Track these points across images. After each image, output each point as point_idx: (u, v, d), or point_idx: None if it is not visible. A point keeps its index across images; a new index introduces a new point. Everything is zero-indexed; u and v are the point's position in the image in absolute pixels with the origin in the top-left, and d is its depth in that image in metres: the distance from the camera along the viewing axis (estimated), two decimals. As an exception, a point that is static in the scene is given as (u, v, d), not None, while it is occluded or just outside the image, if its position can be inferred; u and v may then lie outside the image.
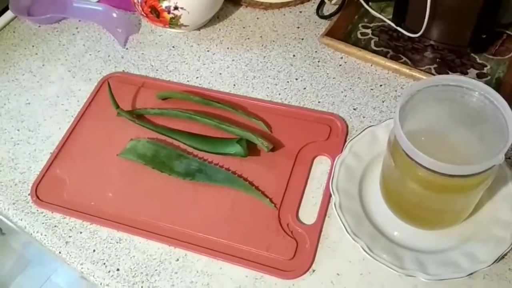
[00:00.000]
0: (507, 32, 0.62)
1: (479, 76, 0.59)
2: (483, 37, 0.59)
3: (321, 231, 0.49)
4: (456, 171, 0.38)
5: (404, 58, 0.61)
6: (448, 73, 0.59)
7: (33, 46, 0.70)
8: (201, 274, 0.48)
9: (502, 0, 0.57)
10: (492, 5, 0.55)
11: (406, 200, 0.46)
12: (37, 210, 0.54)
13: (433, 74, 0.59)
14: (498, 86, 0.57)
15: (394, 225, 0.48)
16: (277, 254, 0.48)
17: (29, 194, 0.55)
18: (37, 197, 0.54)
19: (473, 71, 0.59)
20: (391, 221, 0.48)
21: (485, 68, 0.59)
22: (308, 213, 0.50)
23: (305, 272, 0.47)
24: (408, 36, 0.61)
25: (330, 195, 0.50)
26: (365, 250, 0.46)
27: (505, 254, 0.45)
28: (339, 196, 0.49)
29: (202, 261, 0.49)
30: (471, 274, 0.44)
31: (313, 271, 0.47)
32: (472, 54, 0.60)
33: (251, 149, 0.54)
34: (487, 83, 0.58)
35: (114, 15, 0.69)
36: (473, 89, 0.41)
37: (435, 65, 0.60)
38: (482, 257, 0.44)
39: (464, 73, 0.59)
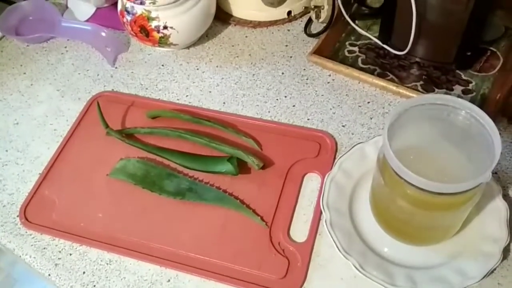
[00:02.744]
0: (491, 48, 0.63)
1: (465, 93, 0.60)
2: (468, 54, 0.60)
3: (312, 249, 0.49)
4: (444, 189, 0.38)
5: (391, 75, 0.62)
6: (434, 90, 0.60)
7: (21, 65, 0.70)
8: (193, 294, 0.48)
9: (486, 18, 0.58)
10: (477, 23, 0.57)
11: (396, 217, 0.46)
12: (26, 232, 0.53)
13: (420, 91, 0.60)
14: (483, 102, 0.58)
15: (384, 241, 0.48)
16: (269, 273, 0.47)
17: (17, 216, 0.54)
18: (26, 218, 0.54)
19: (458, 88, 0.60)
20: (381, 238, 0.48)
21: (470, 85, 0.60)
22: (299, 231, 0.50)
23: (297, 291, 0.47)
24: (395, 54, 0.62)
25: (321, 213, 0.50)
26: (356, 268, 0.46)
27: (494, 269, 0.45)
28: (330, 213, 0.49)
29: (194, 281, 0.48)
30: (461, 290, 0.44)
31: (305, 289, 0.47)
32: (458, 71, 0.62)
33: (241, 167, 0.54)
34: (472, 99, 0.59)
35: (103, 34, 0.69)
36: (459, 108, 0.42)
37: (421, 82, 0.61)
38: (472, 272, 0.45)
39: (450, 89, 0.60)
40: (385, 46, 0.63)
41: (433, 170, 0.40)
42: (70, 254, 0.51)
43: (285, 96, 0.62)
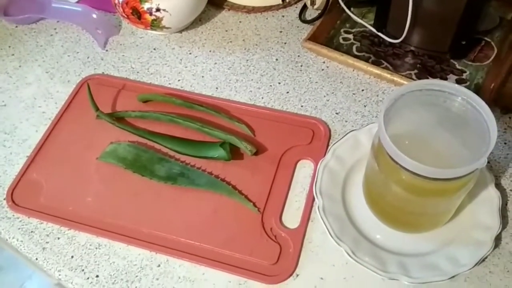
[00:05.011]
0: (486, 38, 0.63)
1: (459, 82, 0.60)
2: (462, 43, 0.60)
3: (304, 235, 0.49)
4: (439, 175, 0.38)
5: (385, 63, 0.62)
6: (428, 79, 0.60)
7: (9, 46, 0.68)
8: (183, 280, 0.47)
9: (482, 8, 0.58)
10: (472, 12, 0.57)
11: (389, 203, 0.46)
12: (13, 215, 0.52)
13: (414, 80, 0.60)
14: (477, 91, 0.58)
15: (377, 228, 0.48)
16: (260, 259, 0.47)
17: (4, 199, 0.53)
18: (13, 201, 0.53)
19: (452, 77, 0.60)
20: (374, 225, 0.48)
21: (464, 74, 0.60)
22: (292, 217, 0.50)
23: (288, 277, 0.46)
24: (389, 42, 0.62)
25: (314, 199, 0.50)
26: (348, 254, 0.46)
27: (486, 257, 0.45)
28: (323, 200, 0.49)
29: (184, 266, 0.48)
30: (453, 277, 0.44)
31: (297, 275, 0.47)
32: (452, 60, 0.61)
33: (234, 153, 0.54)
34: (466, 88, 0.59)
35: (94, 16, 0.68)
36: (455, 94, 0.41)
37: (415, 71, 0.61)
38: (463, 260, 0.45)
39: (444, 78, 0.60)
40: (380, 34, 0.63)
41: (428, 155, 0.40)
42: (58, 238, 0.50)
43: (279, 83, 0.62)
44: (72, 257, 0.49)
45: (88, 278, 0.48)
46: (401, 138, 0.40)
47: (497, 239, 0.47)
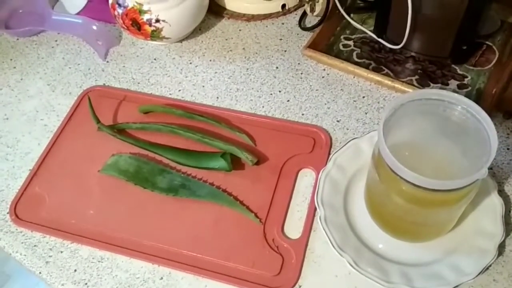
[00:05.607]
0: (487, 43, 0.63)
1: (460, 87, 0.59)
2: (463, 48, 0.60)
3: (306, 245, 0.48)
4: (440, 186, 0.38)
5: (386, 70, 0.61)
6: (429, 84, 0.60)
7: (11, 59, 0.69)
8: (186, 292, 0.47)
9: (482, 11, 0.58)
10: (473, 16, 0.56)
11: (391, 213, 0.46)
12: (16, 229, 0.52)
13: (415, 86, 0.59)
14: (478, 96, 0.58)
15: (379, 238, 0.48)
16: (262, 270, 0.47)
17: (7, 213, 0.53)
18: (16, 215, 0.53)
19: (454, 82, 0.60)
20: (376, 234, 0.48)
21: (466, 79, 0.60)
22: (294, 228, 0.50)
23: (291, 288, 0.46)
24: (390, 48, 0.62)
25: (315, 209, 0.50)
26: (350, 264, 0.45)
27: (489, 266, 0.45)
28: (324, 209, 0.49)
29: (187, 279, 0.48)
30: (457, 286, 0.44)
31: (299, 286, 0.46)
32: (453, 65, 0.61)
33: (235, 163, 0.54)
34: (468, 94, 0.58)
35: (94, 27, 0.68)
36: (455, 103, 0.41)
37: (416, 77, 0.61)
38: (467, 269, 0.44)
39: (445, 84, 0.60)
40: (380, 40, 0.63)
41: (429, 166, 0.39)
42: (61, 252, 0.50)
43: (280, 91, 0.61)
44: (75, 270, 0.49)
45: (91, 292, 0.48)
46: (401, 148, 0.39)
47: (501, 247, 0.46)
